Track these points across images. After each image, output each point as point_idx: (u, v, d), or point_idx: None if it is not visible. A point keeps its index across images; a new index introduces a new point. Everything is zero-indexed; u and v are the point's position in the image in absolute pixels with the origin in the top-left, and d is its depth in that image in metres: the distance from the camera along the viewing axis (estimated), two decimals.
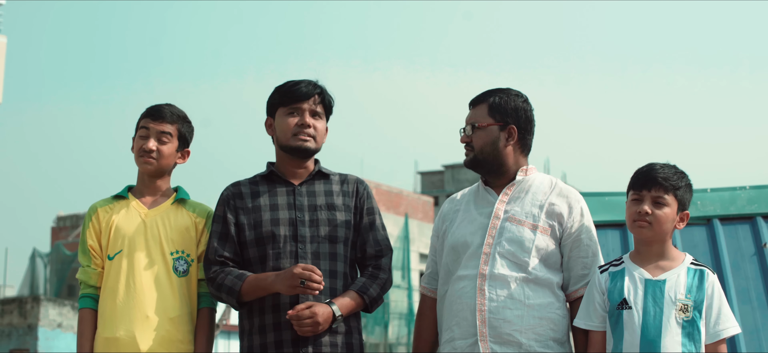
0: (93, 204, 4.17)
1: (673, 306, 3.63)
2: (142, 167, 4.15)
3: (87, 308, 4.08)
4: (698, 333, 3.63)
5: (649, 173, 3.73)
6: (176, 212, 4.16)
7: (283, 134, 4.07)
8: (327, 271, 3.99)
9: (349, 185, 4.14)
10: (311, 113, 4.07)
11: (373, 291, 4.03)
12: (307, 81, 4.09)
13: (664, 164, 3.75)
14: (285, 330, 3.93)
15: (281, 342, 3.93)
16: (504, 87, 4.03)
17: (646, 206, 3.70)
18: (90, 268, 4.10)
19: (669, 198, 3.71)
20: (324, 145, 4.16)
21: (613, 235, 5.22)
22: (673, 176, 3.73)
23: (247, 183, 4.12)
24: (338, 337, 3.97)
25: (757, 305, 4.75)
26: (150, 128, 4.12)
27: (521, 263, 3.83)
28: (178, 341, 4.01)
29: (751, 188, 5.27)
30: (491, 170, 3.98)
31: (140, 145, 4.12)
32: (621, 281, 3.73)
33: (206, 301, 4.14)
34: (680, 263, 3.72)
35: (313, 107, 4.07)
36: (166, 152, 4.13)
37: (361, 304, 4.02)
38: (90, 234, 4.13)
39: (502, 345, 3.77)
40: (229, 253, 4.03)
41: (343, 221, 4.06)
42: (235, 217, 4.06)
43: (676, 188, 3.72)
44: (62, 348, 21.64)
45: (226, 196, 4.11)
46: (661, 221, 3.70)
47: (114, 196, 4.20)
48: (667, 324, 3.61)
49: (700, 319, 3.63)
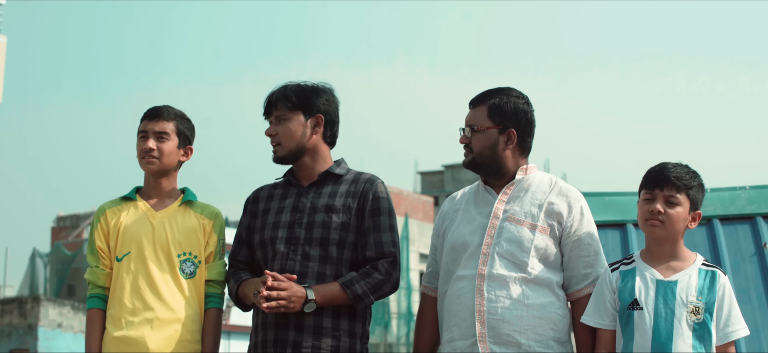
0: (101, 205, 4.23)
1: (684, 308, 3.62)
2: (145, 167, 4.20)
3: (95, 308, 4.14)
4: (709, 335, 3.62)
5: (661, 172, 3.72)
6: (184, 214, 4.21)
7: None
8: (315, 274, 3.98)
9: (358, 186, 4.11)
10: (277, 121, 4.12)
11: (359, 288, 3.95)
12: (269, 94, 4.17)
13: (676, 164, 3.74)
14: (284, 330, 3.94)
15: (280, 341, 3.95)
16: (504, 87, 3.99)
17: (659, 205, 3.68)
18: (98, 269, 4.16)
19: (681, 197, 3.69)
20: None
21: (613, 235, 5.21)
22: (686, 175, 3.71)
23: (267, 187, 4.22)
24: (340, 341, 3.96)
25: (757, 305, 4.74)
26: (148, 129, 4.18)
27: (520, 263, 3.82)
28: (186, 341, 4.06)
29: (751, 188, 5.27)
30: (490, 172, 3.97)
31: (141, 146, 4.17)
32: (632, 280, 3.71)
33: (213, 302, 4.18)
34: (691, 264, 3.71)
35: (274, 116, 4.13)
36: (166, 150, 4.16)
37: (344, 298, 3.95)
38: (98, 235, 4.18)
39: (501, 345, 3.76)
40: (242, 257, 4.17)
41: (339, 224, 4.03)
42: (249, 221, 4.17)
43: (689, 188, 3.70)
44: (62, 348, 21.64)
45: (246, 201, 4.25)
46: (673, 221, 3.68)
47: (122, 197, 4.25)
48: (679, 327, 3.60)
49: (712, 321, 3.62)
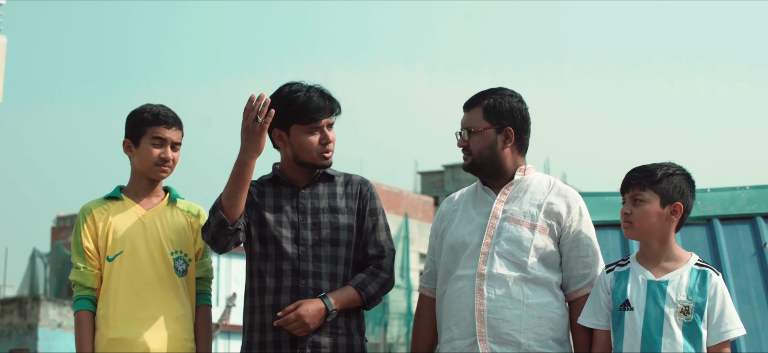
0: (86, 205, 4.15)
1: (673, 307, 3.63)
2: (156, 175, 4.15)
3: (84, 310, 4.06)
4: (699, 335, 3.62)
5: (627, 174, 3.78)
6: (172, 213, 4.19)
7: (304, 152, 4.04)
8: (327, 274, 4.00)
9: (353, 187, 4.14)
10: (328, 126, 4.06)
11: (371, 289, 4.01)
12: (319, 95, 4.05)
13: (648, 163, 3.76)
14: (284, 330, 3.93)
15: (279, 341, 3.95)
16: (496, 87, 3.99)
17: (626, 207, 3.74)
18: (86, 270, 4.08)
19: (647, 194, 3.70)
20: None
21: (613, 235, 5.22)
22: (654, 171, 3.72)
23: (255, 184, 4.13)
24: (339, 338, 3.97)
25: (757, 305, 4.74)
26: (166, 137, 4.13)
27: (520, 263, 3.83)
28: (183, 339, 4.06)
29: (751, 188, 5.27)
30: (490, 172, 3.97)
31: (157, 154, 4.11)
32: (625, 282, 3.73)
33: (203, 299, 4.19)
34: (684, 264, 3.72)
35: (329, 119, 4.07)
36: (177, 159, 4.18)
37: (358, 300, 4.00)
38: (85, 236, 4.10)
39: (501, 344, 3.76)
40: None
41: (346, 224, 4.06)
42: (245, 216, 4.04)
43: (654, 182, 3.70)
44: (62, 348, 21.64)
45: None
46: (640, 219, 3.71)
47: (106, 197, 4.19)
48: (668, 326, 3.61)
49: (702, 321, 3.63)
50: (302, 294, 3.95)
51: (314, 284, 3.97)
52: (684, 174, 3.76)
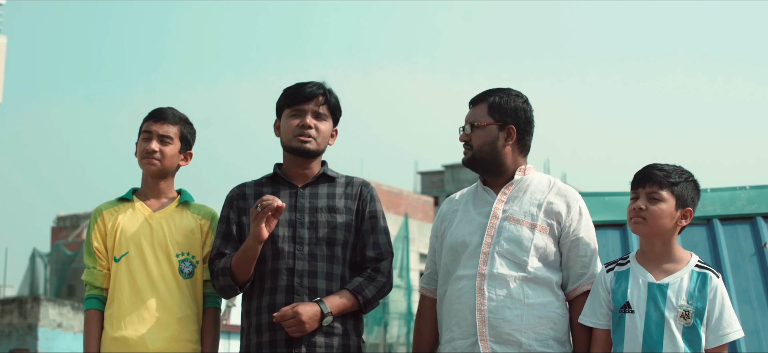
0: (98, 206, 4.23)
1: (674, 311, 3.63)
2: (145, 168, 4.21)
3: (93, 309, 4.13)
4: (699, 339, 3.62)
5: (644, 170, 3.75)
6: (181, 215, 4.22)
7: (285, 135, 4.10)
8: (324, 273, 4.00)
9: (354, 188, 4.15)
10: (314, 114, 4.07)
11: (368, 292, 4.01)
12: (312, 82, 4.10)
13: (664, 164, 3.75)
14: (280, 330, 3.94)
15: (275, 341, 3.95)
16: (504, 87, 4.03)
17: (641, 203, 3.70)
18: (96, 270, 4.16)
19: (664, 193, 3.70)
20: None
21: (613, 235, 5.22)
22: (672, 172, 3.72)
23: (253, 185, 4.16)
24: (334, 339, 3.97)
25: (757, 305, 4.74)
26: (152, 130, 4.19)
27: (520, 263, 3.83)
28: (186, 340, 4.08)
29: (751, 188, 5.26)
30: (489, 169, 3.98)
31: (143, 147, 4.18)
32: (625, 283, 3.72)
33: (211, 302, 4.21)
34: (684, 266, 3.71)
35: (315, 108, 4.08)
36: (168, 154, 4.18)
37: (355, 304, 4.00)
38: (95, 236, 4.18)
39: (502, 344, 3.77)
40: (229, 251, 4.06)
41: (343, 224, 4.06)
42: (238, 217, 4.10)
43: (673, 184, 3.70)
44: (62, 348, 21.65)
45: (230, 197, 4.16)
46: (656, 216, 3.69)
47: (119, 198, 4.26)
48: (669, 330, 3.61)
49: (702, 325, 3.62)
50: (297, 293, 3.95)
51: (310, 283, 3.97)
52: (695, 182, 3.78)
